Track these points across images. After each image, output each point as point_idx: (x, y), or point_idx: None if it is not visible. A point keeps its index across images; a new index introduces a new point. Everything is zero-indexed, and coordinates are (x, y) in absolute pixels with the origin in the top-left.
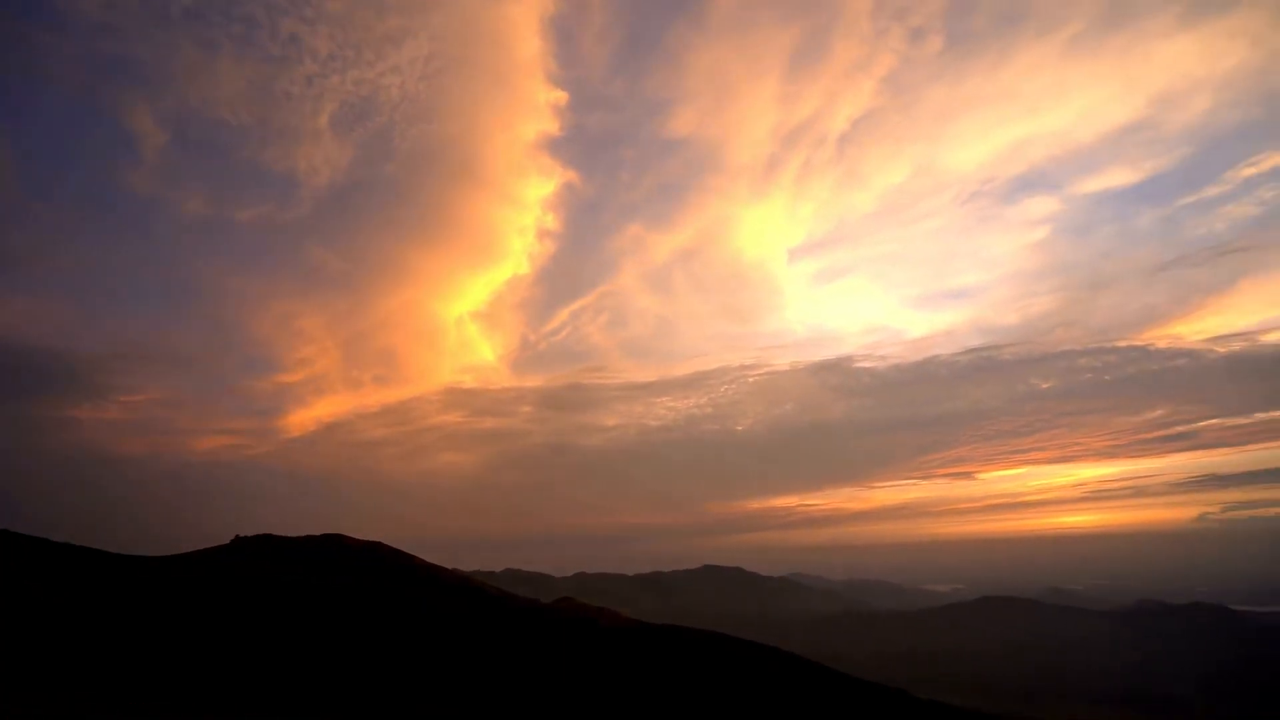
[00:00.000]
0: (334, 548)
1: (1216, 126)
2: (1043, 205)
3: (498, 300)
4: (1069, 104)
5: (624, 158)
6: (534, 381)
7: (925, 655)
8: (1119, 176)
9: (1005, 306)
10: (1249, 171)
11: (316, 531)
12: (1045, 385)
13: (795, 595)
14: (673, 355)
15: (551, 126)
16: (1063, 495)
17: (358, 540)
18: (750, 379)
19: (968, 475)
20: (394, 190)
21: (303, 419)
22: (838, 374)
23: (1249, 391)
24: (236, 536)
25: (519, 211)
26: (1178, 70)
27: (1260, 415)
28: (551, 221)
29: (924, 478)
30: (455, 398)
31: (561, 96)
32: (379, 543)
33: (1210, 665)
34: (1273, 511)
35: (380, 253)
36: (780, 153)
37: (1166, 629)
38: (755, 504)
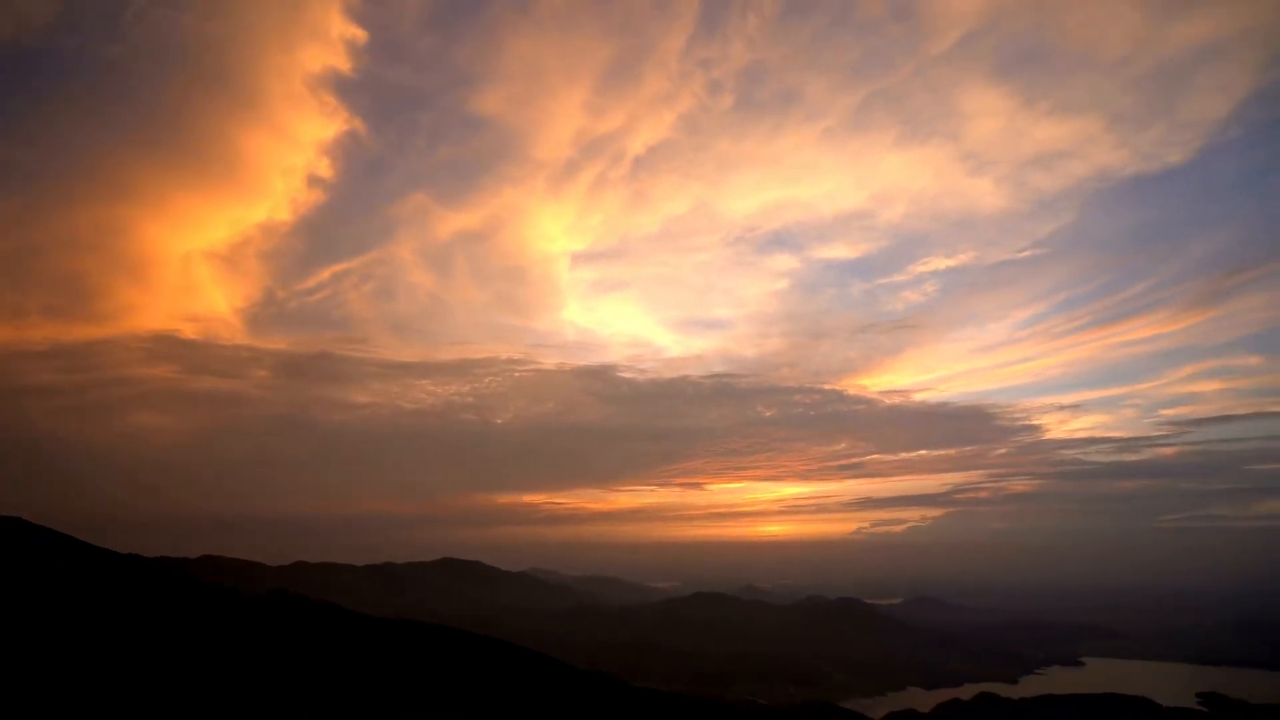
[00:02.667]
0: None
1: (907, 228)
2: (786, 261)
3: (244, 243)
4: (817, 183)
5: (420, 121)
6: (275, 343)
7: (645, 645)
8: (843, 251)
9: (746, 341)
10: (921, 269)
11: None
12: (768, 413)
13: (533, 590)
14: (440, 338)
15: (342, 64)
16: (768, 508)
17: None
18: (516, 373)
19: (698, 486)
20: (115, 78)
21: None
22: (600, 380)
23: (900, 436)
24: None
25: (288, 149)
26: (889, 179)
27: (904, 454)
28: (325, 169)
29: (661, 485)
30: (167, 348)
31: (360, 35)
32: (18, 518)
33: (851, 648)
34: (900, 528)
35: (81, 150)
36: (579, 159)
37: (823, 619)
38: (503, 498)
